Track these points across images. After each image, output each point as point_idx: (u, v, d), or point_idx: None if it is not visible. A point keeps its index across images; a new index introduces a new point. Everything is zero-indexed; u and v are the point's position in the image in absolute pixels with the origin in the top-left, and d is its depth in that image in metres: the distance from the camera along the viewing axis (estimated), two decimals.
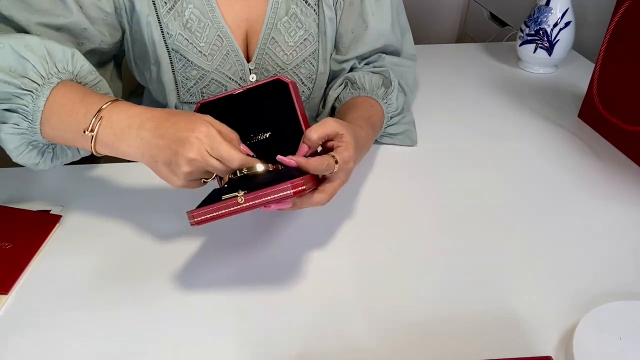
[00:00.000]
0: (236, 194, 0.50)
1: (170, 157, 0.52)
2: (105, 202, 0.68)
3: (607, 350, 0.48)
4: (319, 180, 0.56)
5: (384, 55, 0.81)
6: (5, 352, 0.49)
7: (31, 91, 0.56)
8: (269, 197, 0.49)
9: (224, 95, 0.62)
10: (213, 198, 0.53)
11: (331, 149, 0.57)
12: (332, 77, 0.82)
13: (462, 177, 0.74)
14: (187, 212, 0.51)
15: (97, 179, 0.71)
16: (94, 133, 0.54)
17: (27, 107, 0.56)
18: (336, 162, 0.54)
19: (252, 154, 0.55)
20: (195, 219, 0.50)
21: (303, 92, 0.79)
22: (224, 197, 0.50)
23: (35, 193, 0.69)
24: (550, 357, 0.47)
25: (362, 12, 0.76)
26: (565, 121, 0.89)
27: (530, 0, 1.28)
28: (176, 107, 0.77)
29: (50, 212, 0.65)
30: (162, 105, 0.79)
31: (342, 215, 0.66)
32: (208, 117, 0.54)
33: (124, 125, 0.54)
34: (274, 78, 0.60)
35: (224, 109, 0.62)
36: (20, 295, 0.55)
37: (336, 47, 0.80)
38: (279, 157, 0.52)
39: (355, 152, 0.57)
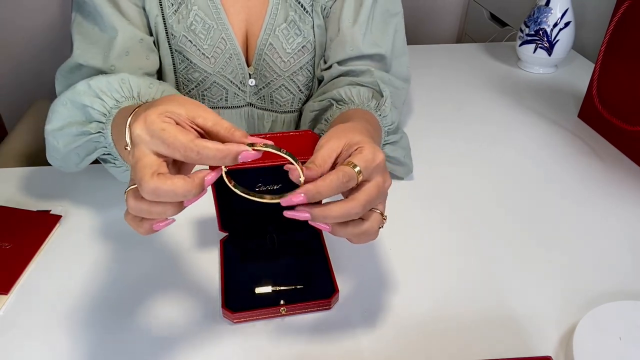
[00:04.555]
0: (269, 289, 0.54)
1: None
2: (106, 202, 0.68)
3: (607, 350, 0.48)
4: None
5: (372, 69, 0.71)
6: (5, 352, 0.49)
7: (100, 132, 0.57)
8: (308, 310, 0.53)
9: (246, 165, 0.42)
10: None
11: None
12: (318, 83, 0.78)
13: (462, 177, 0.74)
14: (223, 309, 0.52)
15: (97, 179, 0.71)
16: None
17: (107, 147, 0.57)
18: (355, 166, 0.41)
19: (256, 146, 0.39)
20: (234, 321, 0.52)
21: (300, 99, 0.78)
22: (257, 290, 0.54)
23: (35, 193, 0.69)
24: (550, 357, 0.47)
25: (339, 17, 0.72)
26: (565, 121, 0.89)
27: (530, 0, 1.28)
28: None
29: (50, 212, 0.65)
30: None
31: None
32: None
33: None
34: (308, 159, 0.49)
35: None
36: (20, 295, 0.55)
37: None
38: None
39: (375, 146, 0.44)
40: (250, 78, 0.74)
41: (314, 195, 0.40)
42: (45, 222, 0.63)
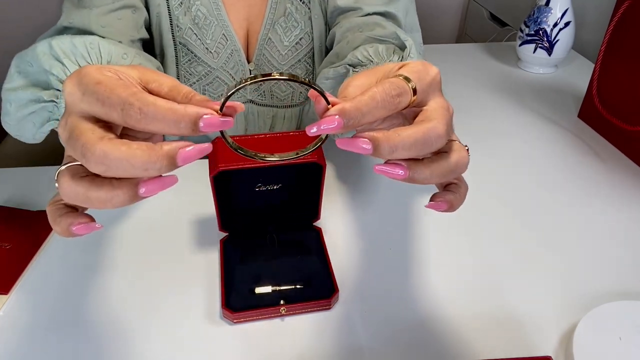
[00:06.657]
0: (269, 289, 0.53)
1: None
2: None
3: (607, 350, 0.48)
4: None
5: (383, 23, 0.63)
6: (5, 352, 0.49)
7: (54, 101, 0.51)
8: (308, 310, 0.53)
9: (247, 165, 0.49)
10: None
11: None
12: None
13: None
14: (222, 309, 0.52)
15: None
16: None
17: (59, 119, 0.51)
18: (406, 79, 0.32)
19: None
20: (234, 321, 0.52)
21: (300, 92, 0.78)
22: (257, 289, 0.53)
23: (35, 193, 0.69)
24: (550, 357, 0.47)
25: None
26: (565, 121, 0.89)
27: (530, 0, 1.28)
28: None
29: None
30: None
31: (341, 214, 0.66)
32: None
33: None
34: (312, 160, 0.52)
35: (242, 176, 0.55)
36: (20, 295, 0.55)
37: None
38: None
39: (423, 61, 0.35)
40: (250, 74, 0.74)
41: (354, 116, 0.29)
42: (45, 222, 0.63)
